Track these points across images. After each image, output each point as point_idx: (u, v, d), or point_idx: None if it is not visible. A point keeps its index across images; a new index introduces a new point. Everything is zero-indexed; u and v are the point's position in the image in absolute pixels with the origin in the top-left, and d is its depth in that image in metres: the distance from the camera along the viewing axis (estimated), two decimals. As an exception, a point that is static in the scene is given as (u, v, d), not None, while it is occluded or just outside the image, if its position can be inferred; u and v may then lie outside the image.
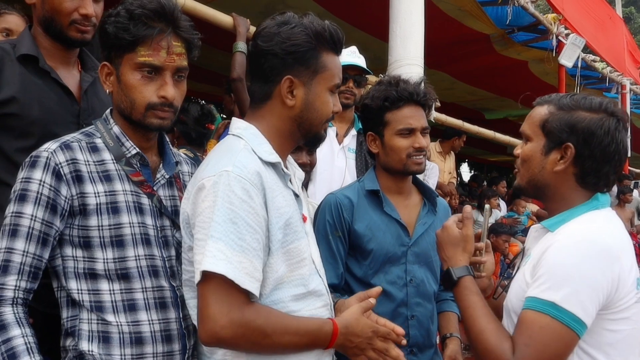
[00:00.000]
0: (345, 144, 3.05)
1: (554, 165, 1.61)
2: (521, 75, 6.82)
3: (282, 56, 1.48)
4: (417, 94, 2.11)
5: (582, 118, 1.58)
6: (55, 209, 1.46)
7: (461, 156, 12.39)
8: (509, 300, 1.65)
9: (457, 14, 5.22)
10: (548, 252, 1.52)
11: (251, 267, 1.38)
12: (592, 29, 6.28)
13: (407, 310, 2.11)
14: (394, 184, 2.20)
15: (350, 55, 3.05)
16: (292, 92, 1.51)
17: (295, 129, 1.55)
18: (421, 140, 2.12)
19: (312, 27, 1.49)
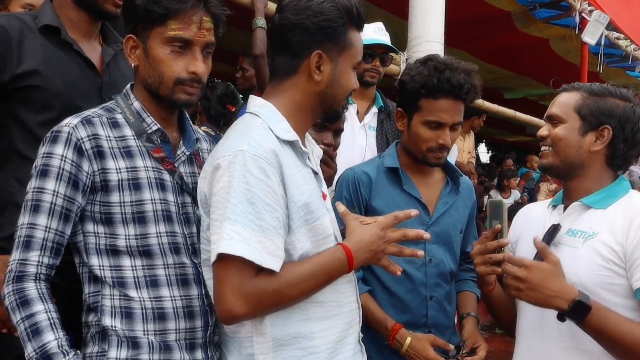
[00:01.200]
0: (366, 121, 3.02)
1: (591, 145, 1.76)
2: (542, 53, 6.69)
3: (313, 31, 1.46)
4: (459, 88, 1.98)
5: (617, 104, 1.76)
6: (77, 184, 1.46)
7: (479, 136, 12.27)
8: (577, 275, 1.65)
9: (478, -10, 5.13)
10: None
11: (273, 246, 1.37)
12: (616, 6, 6.12)
13: (426, 290, 2.09)
14: (415, 164, 2.15)
15: (377, 32, 3.00)
16: (319, 68, 1.49)
17: (318, 104, 1.54)
18: (446, 137, 2.03)
19: (342, 3, 1.48)
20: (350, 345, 1.58)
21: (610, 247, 1.65)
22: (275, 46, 1.54)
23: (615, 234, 1.66)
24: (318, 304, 1.50)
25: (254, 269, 1.37)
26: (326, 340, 1.51)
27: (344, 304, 1.56)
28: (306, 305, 1.48)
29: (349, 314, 1.58)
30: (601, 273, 1.65)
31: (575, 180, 1.80)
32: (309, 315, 1.48)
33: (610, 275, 1.64)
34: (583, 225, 1.74)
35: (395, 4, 4.30)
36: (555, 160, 1.80)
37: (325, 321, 1.51)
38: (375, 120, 3.04)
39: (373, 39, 2.98)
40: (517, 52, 6.69)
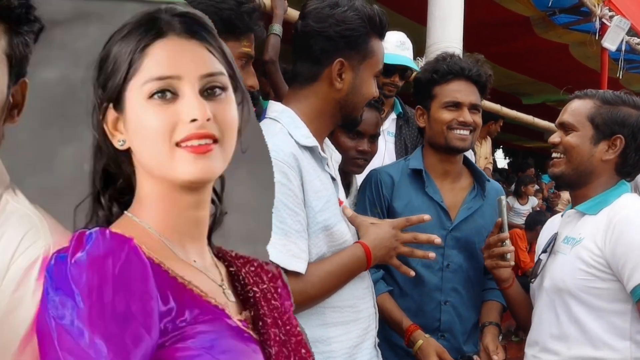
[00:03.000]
0: (384, 127, 3.01)
1: (603, 154, 1.77)
2: (561, 58, 6.64)
3: (336, 39, 1.48)
4: (468, 69, 2.05)
5: (631, 114, 1.77)
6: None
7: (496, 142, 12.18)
8: (563, 280, 1.76)
9: (496, -5, 5.11)
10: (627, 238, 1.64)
11: (297, 249, 1.39)
12: (637, 11, 6.07)
13: (440, 295, 2.08)
14: (440, 164, 2.13)
15: (400, 46, 3.00)
16: (340, 75, 1.50)
17: (337, 111, 1.55)
18: (466, 115, 2.04)
19: (365, 11, 1.49)
20: (366, 350, 1.58)
21: (591, 252, 1.68)
22: (297, 53, 1.56)
23: (597, 239, 1.69)
24: (336, 309, 1.51)
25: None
26: (343, 345, 1.51)
27: (362, 309, 1.57)
28: (324, 311, 1.49)
29: (366, 320, 1.58)
30: (583, 277, 1.69)
31: (583, 188, 1.82)
32: (326, 320, 1.49)
33: (592, 279, 1.68)
34: (575, 232, 1.79)
35: (414, 9, 4.30)
36: (567, 168, 1.81)
37: (342, 326, 1.51)
38: (394, 126, 3.05)
39: (394, 56, 2.98)
40: (536, 57, 6.65)
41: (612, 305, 1.67)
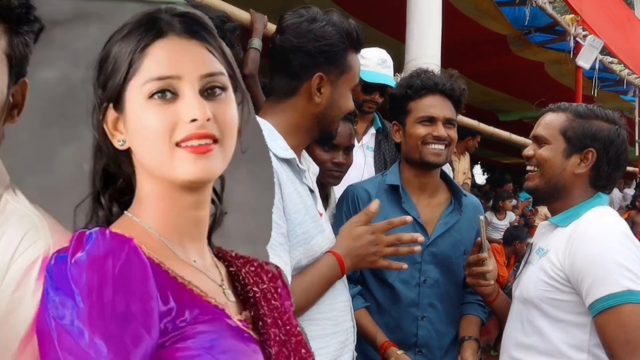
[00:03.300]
0: (364, 142, 3.03)
1: (575, 167, 1.77)
2: (537, 76, 6.76)
3: (315, 54, 1.48)
4: (442, 84, 2.06)
5: (602, 127, 1.76)
6: None
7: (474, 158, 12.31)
8: (527, 290, 1.77)
9: (474, 13, 5.18)
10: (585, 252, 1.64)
11: (281, 262, 1.37)
12: (610, 31, 6.22)
13: (417, 310, 2.07)
14: (417, 179, 2.14)
15: (381, 64, 3.01)
16: (319, 90, 1.51)
17: (315, 125, 1.55)
18: (441, 129, 2.04)
19: (343, 26, 1.49)
20: None
21: (553, 264, 1.69)
22: (275, 67, 1.56)
23: (559, 252, 1.70)
24: (314, 322, 1.49)
25: None
26: (321, 358, 1.49)
27: (340, 322, 1.56)
28: (302, 323, 1.47)
29: (345, 333, 1.57)
30: (543, 288, 1.70)
31: (557, 201, 1.82)
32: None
33: (552, 291, 1.68)
34: (545, 244, 1.80)
35: (393, 26, 4.35)
36: (541, 182, 1.82)
37: (320, 339, 1.50)
38: (373, 141, 3.05)
39: (374, 75, 2.99)
40: (513, 75, 6.75)
41: (572, 317, 1.67)
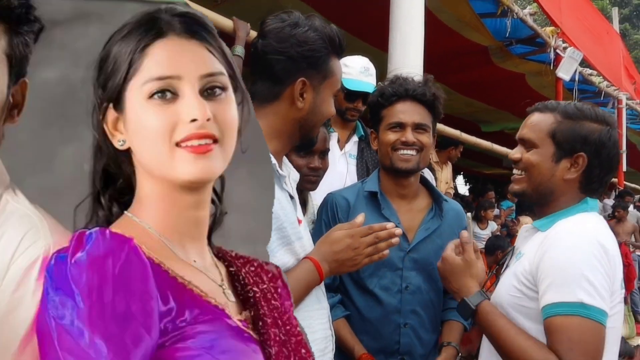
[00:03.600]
0: (346, 149, 3.04)
1: (565, 172, 1.67)
2: (518, 87, 6.82)
3: (298, 59, 1.47)
4: (412, 90, 2.06)
5: (593, 130, 1.67)
6: None
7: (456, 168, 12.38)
8: (499, 295, 1.71)
9: (456, 25, 5.22)
10: (552, 254, 1.57)
11: None
12: (589, 43, 6.32)
13: (399, 317, 2.06)
14: (395, 185, 2.14)
15: (364, 73, 3.02)
16: (302, 95, 1.50)
17: (297, 130, 1.54)
18: (409, 135, 2.04)
19: (325, 31, 1.48)
20: None
21: (524, 269, 1.63)
22: (256, 72, 1.54)
23: (530, 254, 1.64)
24: None
25: None
26: None
27: (317, 330, 1.54)
28: None
29: (323, 341, 1.55)
30: (513, 294, 1.64)
31: (545, 206, 1.74)
32: None
33: (520, 297, 1.62)
34: (524, 247, 1.74)
35: (376, 36, 4.37)
36: (528, 187, 1.73)
37: None
38: (356, 148, 3.06)
39: (357, 82, 3.00)
40: (494, 86, 6.82)
41: (539, 326, 1.57)
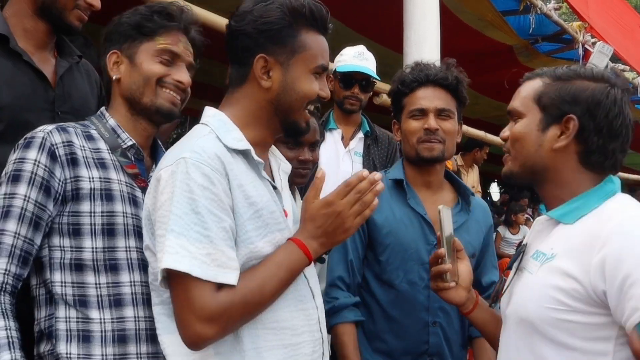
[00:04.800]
0: (351, 147, 2.95)
1: (554, 142, 1.41)
2: (548, 87, 6.62)
3: (254, 35, 1.38)
4: (433, 75, 1.98)
5: (585, 87, 1.39)
6: (48, 191, 1.41)
7: (490, 175, 12.15)
8: (523, 308, 1.41)
9: (478, 24, 5.10)
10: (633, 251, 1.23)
11: (224, 257, 1.27)
12: (620, 37, 6.08)
13: (428, 315, 1.95)
14: (421, 176, 2.05)
15: (357, 57, 2.94)
16: (268, 73, 1.40)
17: (273, 113, 1.44)
18: (431, 121, 1.96)
19: (288, 3, 1.38)
20: None
21: (567, 275, 1.31)
22: (229, 56, 1.47)
23: (575, 258, 1.31)
24: (270, 331, 1.37)
25: (214, 285, 1.27)
26: None
27: (303, 332, 1.42)
28: (257, 332, 1.35)
29: (310, 345, 1.43)
30: (552, 306, 1.32)
31: (546, 188, 1.47)
32: (259, 344, 1.35)
33: (564, 310, 1.31)
34: (546, 246, 1.42)
35: (393, 39, 4.28)
36: (514, 165, 1.47)
37: (279, 351, 1.37)
38: (362, 145, 2.97)
39: (351, 65, 2.92)
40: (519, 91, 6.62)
41: (588, 344, 1.29)
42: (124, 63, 1.57)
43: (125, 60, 1.57)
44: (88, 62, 1.96)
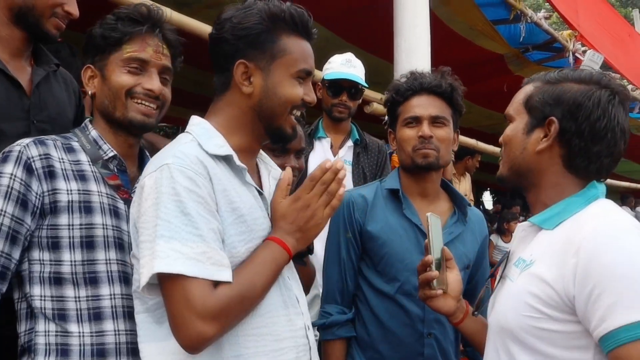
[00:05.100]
0: (340, 155, 2.95)
1: (537, 144, 1.41)
2: (539, 96, 6.63)
3: (233, 41, 1.39)
4: (427, 83, 1.99)
5: (568, 89, 1.39)
6: (25, 204, 1.39)
7: (482, 184, 12.17)
8: (505, 317, 1.39)
9: (469, 33, 5.12)
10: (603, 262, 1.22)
11: (218, 256, 1.27)
12: (610, 46, 6.11)
13: (423, 326, 1.94)
14: (417, 185, 2.04)
15: (345, 64, 2.94)
16: (249, 79, 1.41)
17: (256, 119, 1.44)
18: (425, 128, 1.96)
19: (266, 9, 1.39)
20: None
21: (543, 282, 1.29)
22: (212, 64, 1.48)
23: (551, 264, 1.29)
24: (251, 337, 1.35)
25: (211, 283, 1.26)
26: None
27: (285, 338, 1.41)
28: (237, 340, 1.34)
29: (293, 351, 1.42)
30: (529, 314, 1.30)
31: (531, 192, 1.47)
32: (240, 351, 1.34)
33: (541, 318, 1.29)
34: (527, 253, 1.41)
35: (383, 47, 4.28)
36: (504, 169, 1.49)
37: (260, 357, 1.36)
38: (351, 154, 2.97)
39: (338, 73, 2.91)
40: (514, 95, 6.63)
41: (567, 353, 1.27)
42: (97, 77, 1.56)
43: (98, 74, 1.56)
44: (67, 71, 1.94)
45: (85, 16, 1.76)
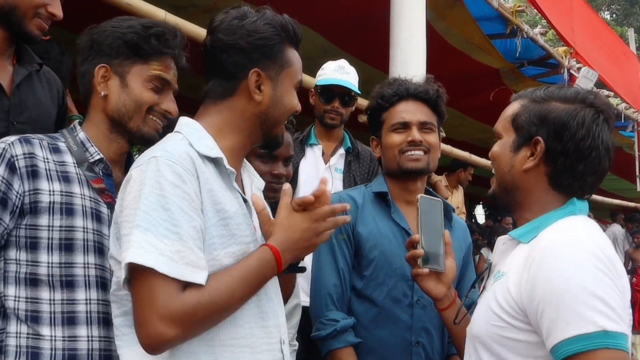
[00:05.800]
0: (331, 163, 2.92)
1: (524, 162, 1.43)
2: (534, 111, 6.65)
3: (248, 50, 1.39)
4: (414, 89, 1.98)
5: (554, 108, 1.41)
6: (5, 203, 1.37)
7: (475, 198, 12.19)
8: (477, 325, 1.43)
9: (465, 47, 5.13)
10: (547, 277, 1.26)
11: (193, 256, 1.23)
12: (605, 64, 6.15)
13: (411, 335, 1.91)
14: (402, 190, 2.03)
15: (338, 71, 2.92)
16: (259, 87, 1.41)
17: (257, 127, 1.44)
18: (415, 134, 1.95)
19: (276, 20, 1.41)
20: None
21: (507, 292, 1.33)
22: (208, 71, 1.45)
23: (515, 276, 1.34)
24: (227, 348, 1.31)
25: (180, 284, 1.22)
26: None
27: (262, 350, 1.37)
28: (214, 350, 1.30)
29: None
30: (494, 323, 1.35)
31: (518, 209, 1.48)
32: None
33: (505, 327, 1.33)
34: (503, 265, 1.44)
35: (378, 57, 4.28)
36: (494, 186, 1.51)
37: None
38: (342, 162, 2.95)
39: (331, 79, 2.90)
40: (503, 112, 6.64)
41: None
42: (114, 80, 1.54)
43: (115, 78, 1.54)
44: (51, 71, 1.90)
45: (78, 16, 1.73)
